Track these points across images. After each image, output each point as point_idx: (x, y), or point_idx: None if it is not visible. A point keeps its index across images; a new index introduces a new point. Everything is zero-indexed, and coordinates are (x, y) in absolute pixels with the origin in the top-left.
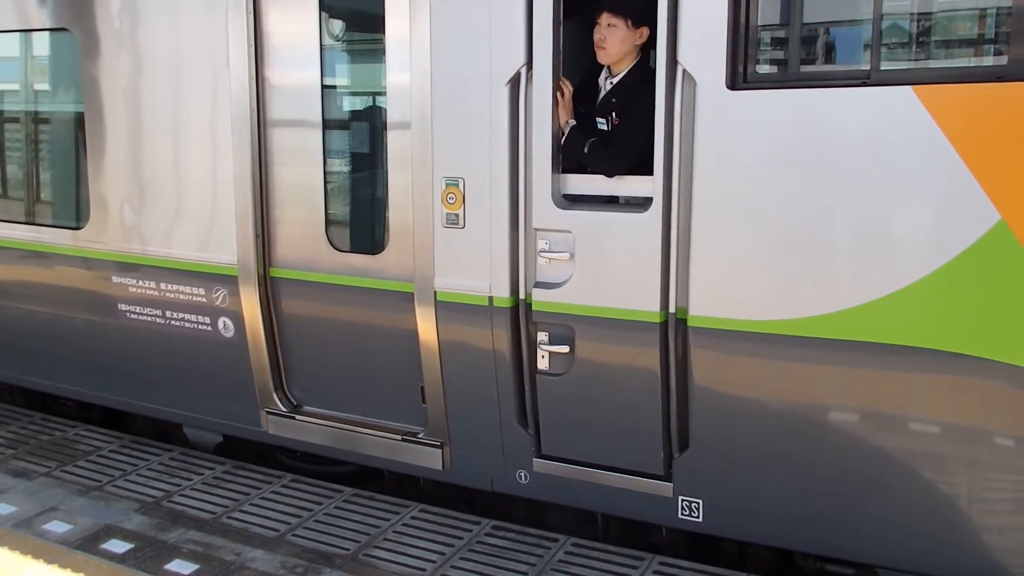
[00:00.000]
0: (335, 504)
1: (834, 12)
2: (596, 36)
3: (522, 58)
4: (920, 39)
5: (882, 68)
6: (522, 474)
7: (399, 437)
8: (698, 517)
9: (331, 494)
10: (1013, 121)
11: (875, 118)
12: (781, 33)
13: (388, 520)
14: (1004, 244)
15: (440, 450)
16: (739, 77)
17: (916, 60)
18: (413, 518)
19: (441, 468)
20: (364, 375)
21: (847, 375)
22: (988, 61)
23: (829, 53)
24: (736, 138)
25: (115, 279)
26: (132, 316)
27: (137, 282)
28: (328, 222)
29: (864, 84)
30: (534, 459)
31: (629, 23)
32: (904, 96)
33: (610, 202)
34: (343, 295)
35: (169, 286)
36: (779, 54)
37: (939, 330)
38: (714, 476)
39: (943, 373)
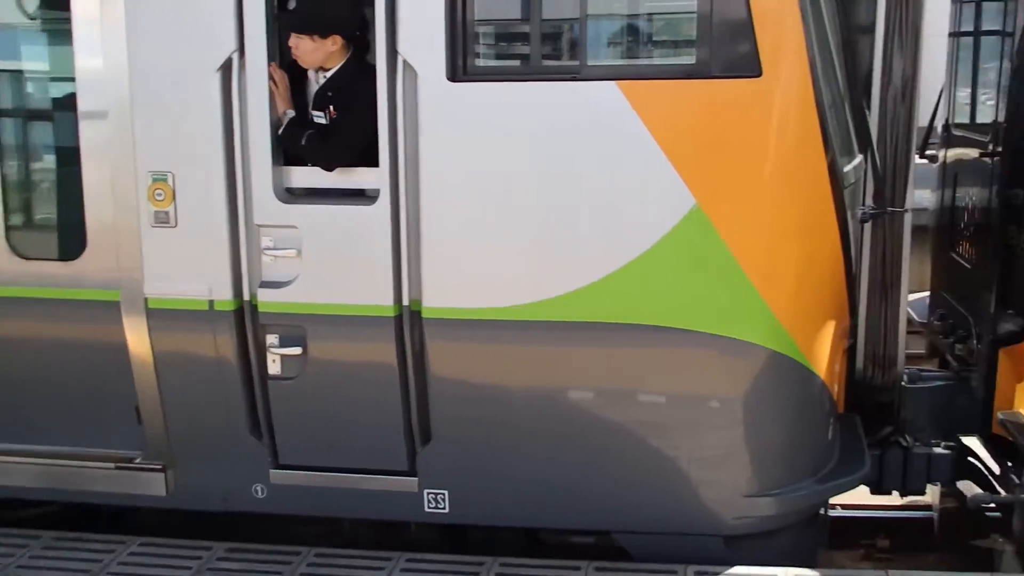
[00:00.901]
0: (30, 554)
1: (547, 9)
2: (290, 43)
3: (233, 43)
4: (623, 38)
5: (589, 64)
6: (259, 488)
7: (112, 465)
8: (444, 508)
9: (25, 543)
10: (703, 114)
11: (585, 111)
12: (500, 28)
13: (100, 561)
14: (700, 227)
15: (162, 474)
16: (459, 69)
17: (619, 57)
18: (132, 554)
19: (164, 494)
20: (67, 399)
21: (574, 355)
22: (681, 59)
23: (545, 48)
24: (459, 129)
25: None
26: None
27: None
28: (8, 226)
29: (575, 78)
30: (271, 471)
31: (315, 37)
32: (609, 90)
33: (349, 195)
34: (32, 309)
35: None
36: (499, 48)
37: (651, 307)
38: (458, 466)
39: (659, 346)
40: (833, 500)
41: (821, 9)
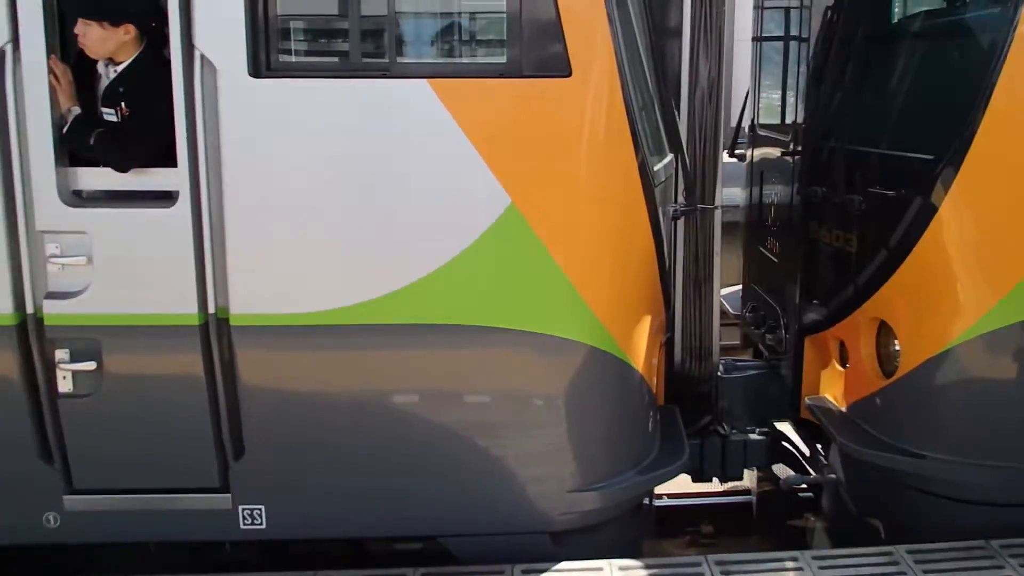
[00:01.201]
0: None
1: (355, 5)
2: (77, 30)
3: (5, 34)
4: (434, 36)
5: (400, 61)
6: (50, 517)
7: None
8: (262, 524)
9: None
10: (515, 113)
11: (396, 109)
12: (306, 23)
13: None
14: (516, 225)
15: None
16: (262, 65)
17: (431, 55)
18: None
19: None
20: None
21: (394, 359)
22: (493, 59)
23: (353, 44)
24: (263, 127)
25: None
26: None
27: None
28: None
29: (384, 76)
30: (65, 497)
31: (105, 24)
32: (421, 88)
33: (146, 197)
34: None
35: None
36: (305, 43)
37: (470, 307)
38: (274, 479)
39: (480, 347)
40: (658, 490)
41: (629, 11)
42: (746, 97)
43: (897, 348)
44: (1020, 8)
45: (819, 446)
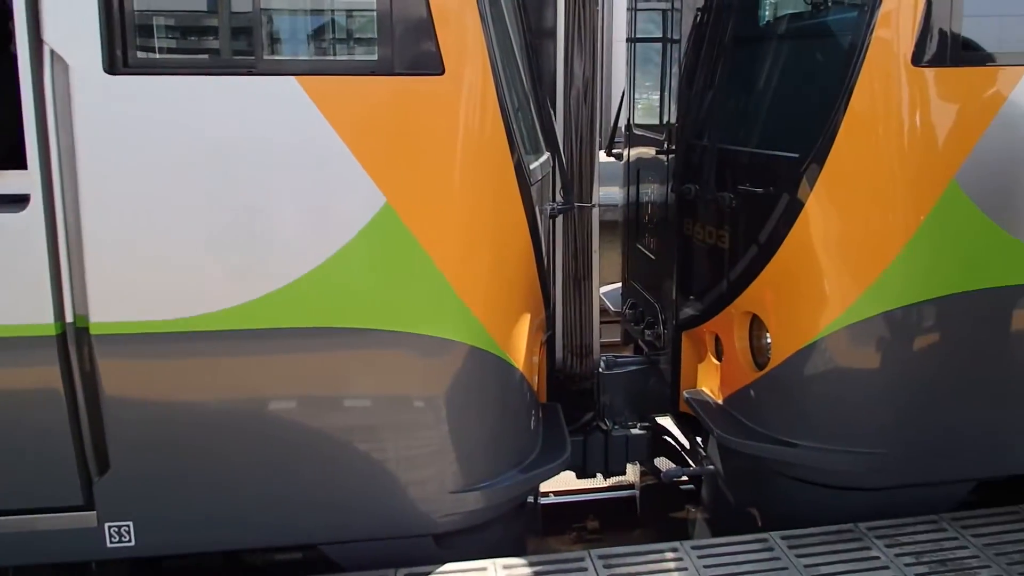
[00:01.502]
0: None
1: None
2: None
3: None
4: (303, 33)
5: (266, 58)
6: None
7: None
8: (130, 541)
9: None
10: (388, 111)
11: (264, 107)
12: (167, 18)
13: None
14: (391, 225)
15: None
16: (118, 61)
17: (300, 52)
18: None
19: None
20: None
21: (268, 364)
22: (365, 56)
23: (218, 40)
24: (122, 126)
25: None
26: None
27: None
28: None
29: (250, 72)
30: None
31: None
32: (289, 86)
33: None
34: None
35: None
36: (167, 39)
37: (347, 309)
38: (142, 494)
39: (357, 349)
40: (543, 488)
41: (502, 9)
42: (622, 97)
43: (768, 341)
44: (876, 11)
45: (698, 439)
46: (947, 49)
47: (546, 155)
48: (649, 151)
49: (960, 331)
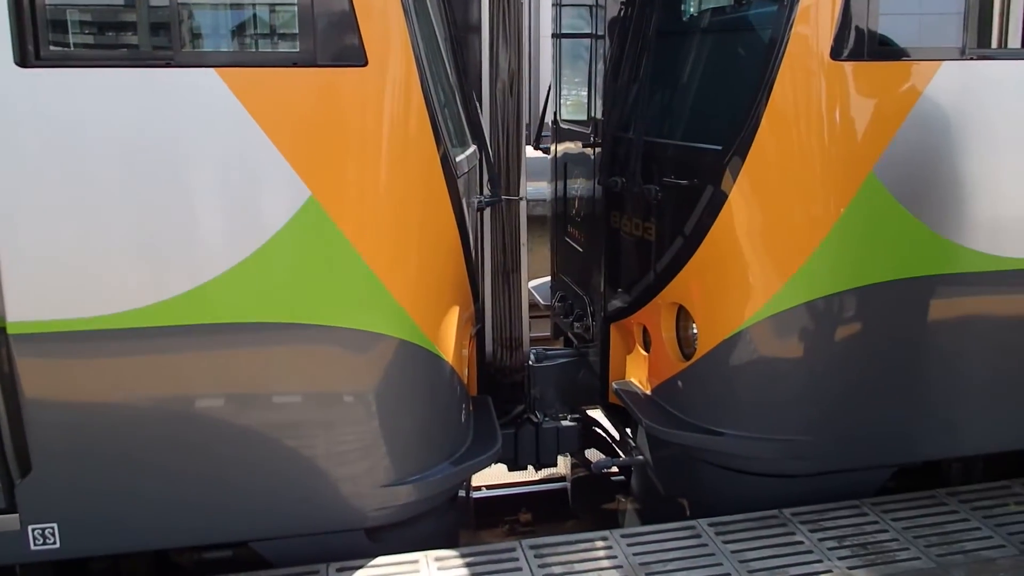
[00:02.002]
0: None
1: None
2: None
3: None
4: (224, 24)
5: (185, 50)
6: None
7: None
8: (55, 544)
9: None
10: (312, 104)
11: (184, 99)
12: (82, 10)
13: None
14: (317, 219)
15: None
16: (30, 54)
17: (220, 43)
18: None
19: None
20: None
21: (193, 361)
22: (287, 47)
23: (133, 32)
24: (35, 120)
25: None
26: None
27: None
28: None
29: (168, 65)
30: None
31: None
32: (209, 78)
33: None
34: None
35: None
36: (82, 31)
37: (274, 304)
38: (66, 495)
39: (285, 344)
40: (476, 481)
41: (426, 2)
42: (548, 91)
43: (695, 331)
44: (796, 6)
45: (627, 430)
46: (864, 44)
47: (472, 148)
48: (576, 145)
49: (879, 320)
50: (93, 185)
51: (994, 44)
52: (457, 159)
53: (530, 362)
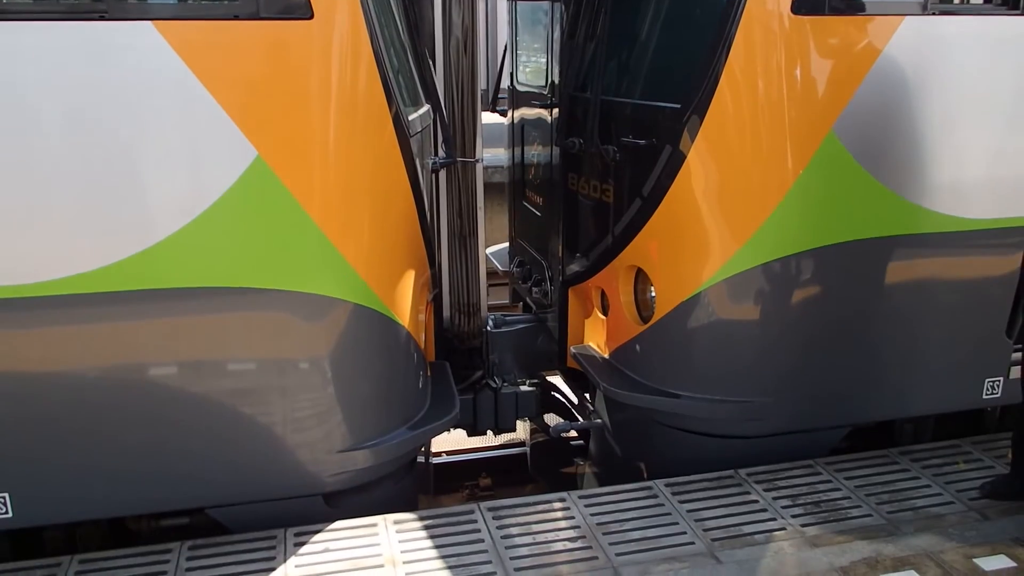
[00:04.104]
0: None
1: None
2: None
3: None
4: None
5: (119, 2)
6: None
7: None
8: (7, 513)
9: None
10: (256, 58)
11: (119, 55)
12: None
13: None
14: (264, 180)
15: None
16: None
17: None
18: None
19: None
20: None
21: (140, 328)
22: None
23: None
24: None
25: None
26: None
27: None
28: None
29: (102, 18)
30: None
31: None
32: (145, 32)
33: None
34: None
35: None
36: None
37: (222, 268)
38: (17, 465)
39: (236, 310)
40: (436, 447)
41: None
42: (504, 52)
43: (653, 295)
44: None
45: (586, 394)
46: None
47: (426, 107)
48: (533, 109)
49: (835, 282)
50: (29, 146)
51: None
52: (410, 118)
53: (488, 328)
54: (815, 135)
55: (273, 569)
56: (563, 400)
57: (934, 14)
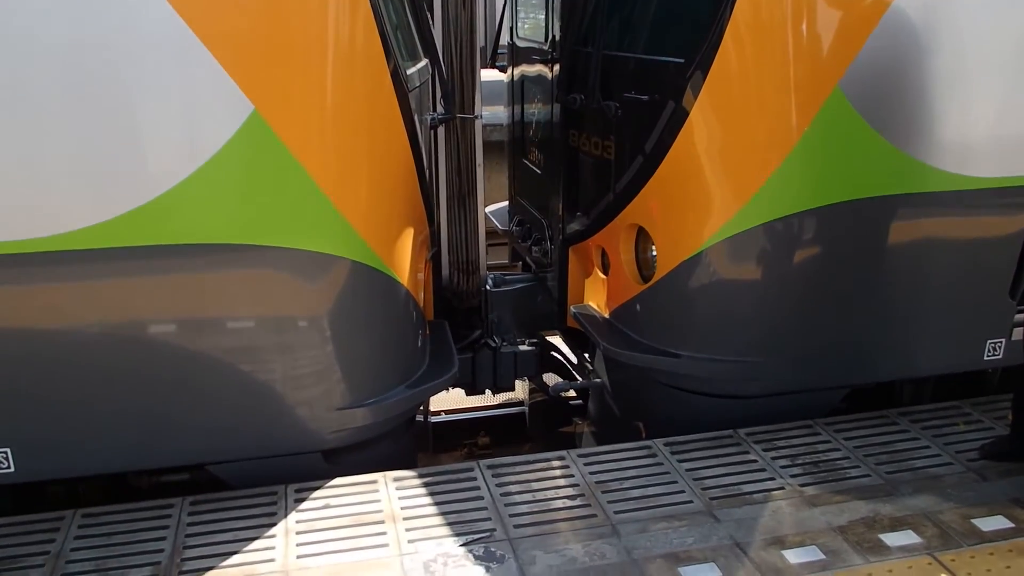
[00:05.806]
0: None
1: None
2: None
3: None
4: None
5: None
6: None
7: None
8: (9, 468)
9: None
10: (252, 10)
11: (112, 8)
12: None
13: None
14: (261, 135)
15: None
16: None
17: None
18: None
19: None
20: None
21: (140, 284)
22: None
23: None
24: None
25: None
26: None
27: None
28: None
29: None
30: None
31: None
32: None
33: None
34: None
35: None
36: None
37: (219, 225)
38: (18, 420)
39: (234, 267)
40: (435, 406)
41: None
42: (503, 7)
43: (654, 254)
44: None
45: (585, 354)
46: None
47: (424, 62)
48: (533, 65)
49: (838, 242)
50: (23, 99)
51: None
52: (408, 72)
53: (487, 287)
54: (821, 91)
55: (274, 524)
56: (562, 360)
57: None
